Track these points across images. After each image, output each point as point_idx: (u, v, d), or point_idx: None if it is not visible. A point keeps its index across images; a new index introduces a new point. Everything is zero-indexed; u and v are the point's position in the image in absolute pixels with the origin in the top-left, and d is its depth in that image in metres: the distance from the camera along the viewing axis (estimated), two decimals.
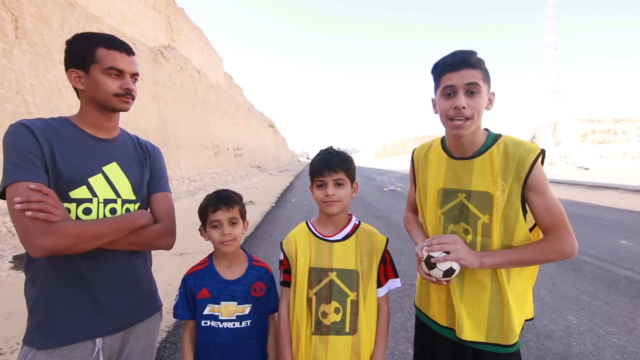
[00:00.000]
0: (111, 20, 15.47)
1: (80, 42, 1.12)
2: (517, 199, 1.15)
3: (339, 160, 1.29)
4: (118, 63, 1.12)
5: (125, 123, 11.96)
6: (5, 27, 7.88)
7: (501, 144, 1.19)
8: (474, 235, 1.21)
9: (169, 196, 1.34)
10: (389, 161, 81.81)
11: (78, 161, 1.11)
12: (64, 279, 1.08)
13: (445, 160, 1.29)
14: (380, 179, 23.45)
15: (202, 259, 1.42)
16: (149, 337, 1.28)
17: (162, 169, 1.37)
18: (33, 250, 0.97)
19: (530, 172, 1.12)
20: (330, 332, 1.27)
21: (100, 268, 1.12)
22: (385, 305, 1.36)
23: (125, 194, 1.19)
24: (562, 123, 44.36)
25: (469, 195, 1.22)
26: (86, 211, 1.10)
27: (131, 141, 1.32)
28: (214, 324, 1.31)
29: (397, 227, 6.95)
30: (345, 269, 1.29)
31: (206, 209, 1.34)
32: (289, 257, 1.34)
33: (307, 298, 1.29)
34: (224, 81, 38.96)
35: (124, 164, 1.22)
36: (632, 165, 26.71)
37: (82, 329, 1.09)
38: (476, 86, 1.12)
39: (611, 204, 10.43)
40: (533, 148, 1.15)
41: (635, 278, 4.24)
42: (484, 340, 1.20)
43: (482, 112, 1.16)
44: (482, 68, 1.14)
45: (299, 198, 12.23)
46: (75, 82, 1.13)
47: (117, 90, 1.13)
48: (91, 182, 1.12)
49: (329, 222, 1.35)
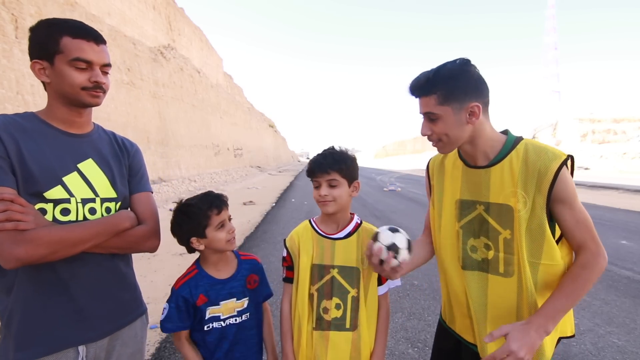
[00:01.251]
0: (111, 20, 15.47)
1: (44, 30, 1.02)
2: (542, 211, 1.03)
3: (331, 161, 1.29)
4: (85, 54, 1.02)
5: (125, 123, 12.00)
6: (5, 27, 7.88)
7: (521, 150, 1.08)
8: (496, 252, 1.11)
9: (150, 196, 1.28)
10: (389, 161, 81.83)
11: (50, 159, 1.01)
12: (41, 285, 1.00)
13: (461, 169, 1.20)
14: (380, 179, 23.44)
15: (188, 268, 1.38)
16: (136, 342, 1.23)
17: (142, 167, 1.30)
18: (5, 262, 0.90)
19: (554, 183, 1.01)
20: (331, 328, 1.29)
21: (81, 272, 1.05)
22: (386, 303, 1.39)
23: (103, 193, 1.11)
24: (562, 123, 44.38)
25: (487, 207, 1.12)
26: (64, 212, 1.02)
27: (107, 137, 1.22)
28: (217, 324, 1.31)
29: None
30: (346, 266, 1.31)
31: (208, 212, 1.29)
32: (292, 254, 1.37)
33: (309, 294, 1.32)
34: (224, 81, 38.97)
35: (100, 160, 1.13)
36: (632, 165, 26.72)
37: (63, 337, 1.03)
38: (432, 114, 1.09)
39: (611, 204, 10.42)
40: (557, 154, 1.03)
41: (635, 278, 4.24)
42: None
43: (452, 133, 1.09)
44: (437, 91, 1.06)
45: (299, 198, 12.23)
46: (39, 75, 1.03)
47: (84, 83, 1.03)
48: (66, 181, 1.03)
49: (330, 221, 1.37)
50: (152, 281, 4.08)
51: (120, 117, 11.81)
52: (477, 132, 1.11)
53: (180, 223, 1.29)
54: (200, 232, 1.28)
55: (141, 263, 4.70)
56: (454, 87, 1.05)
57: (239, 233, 6.45)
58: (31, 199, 0.97)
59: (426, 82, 1.08)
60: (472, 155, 1.16)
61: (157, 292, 3.70)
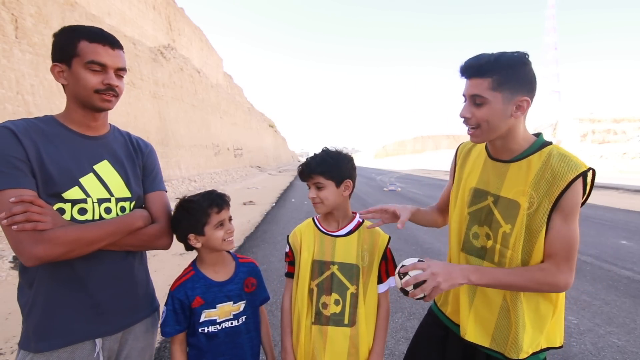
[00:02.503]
0: (111, 20, 15.47)
1: (65, 35, 1.08)
2: (545, 215, 1.05)
3: (314, 164, 1.32)
4: (100, 57, 1.06)
5: (125, 123, 11.99)
6: (5, 27, 7.88)
7: (545, 153, 1.08)
8: (494, 243, 1.15)
9: (164, 195, 1.32)
10: (389, 161, 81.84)
11: (67, 161, 1.07)
12: (60, 281, 1.05)
13: (484, 160, 1.24)
14: (380, 179, 23.44)
15: (185, 269, 1.38)
16: (147, 337, 1.27)
17: (156, 166, 1.34)
18: (25, 260, 0.95)
19: (564, 192, 1.02)
20: (330, 323, 1.32)
21: (98, 269, 1.10)
22: (386, 301, 1.40)
23: (118, 193, 1.16)
24: (562, 123, 44.36)
25: (497, 200, 1.16)
26: (81, 211, 1.07)
27: (122, 138, 1.27)
28: (212, 328, 1.30)
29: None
30: (346, 262, 1.34)
31: (209, 210, 1.28)
32: (294, 249, 1.41)
33: (308, 289, 1.35)
34: (224, 81, 38.97)
35: (114, 162, 1.18)
36: (632, 165, 26.71)
37: (81, 330, 1.08)
38: (480, 97, 1.06)
39: (611, 204, 10.43)
40: (578, 164, 1.02)
41: (635, 278, 4.24)
42: (487, 346, 1.17)
43: (493, 122, 1.08)
44: (495, 75, 1.04)
45: (299, 198, 12.22)
46: (58, 77, 1.09)
47: (97, 85, 1.07)
48: (83, 182, 1.08)
49: (331, 219, 1.41)
50: (152, 281, 4.07)
51: (120, 117, 11.81)
52: (514, 128, 1.11)
53: (180, 218, 1.29)
54: (199, 229, 1.27)
55: None
56: (512, 76, 1.04)
57: (239, 233, 6.44)
58: (50, 199, 1.02)
59: (486, 63, 1.05)
60: (498, 149, 1.18)
61: (157, 292, 3.69)
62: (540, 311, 1.14)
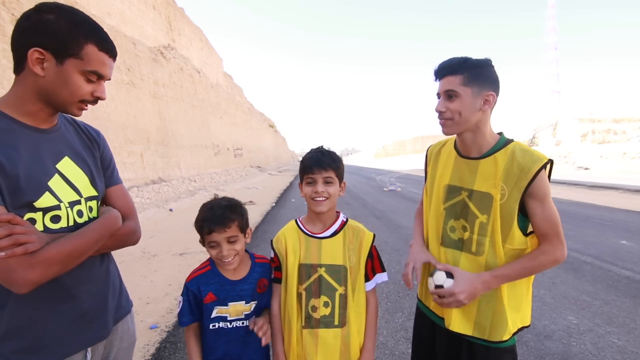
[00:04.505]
0: (111, 20, 15.46)
1: (67, 24, 0.91)
2: (515, 203, 1.20)
3: (329, 159, 1.34)
4: (104, 69, 0.97)
5: (125, 123, 11.99)
6: (5, 27, 7.88)
7: (509, 150, 1.23)
8: (471, 234, 1.27)
9: (124, 188, 1.23)
10: (389, 161, 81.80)
11: (30, 164, 0.91)
12: (44, 298, 0.95)
13: (454, 158, 1.36)
14: (380, 179, 23.44)
15: (203, 262, 1.40)
16: (129, 336, 1.26)
17: (111, 157, 1.23)
18: (18, 288, 0.83)
19: (532, 181, 1.17)
20: (320, 326, 1.32)
21: (82, 277, 1.03)
22: (374, 298, 1.42)
23: (85, 192, 1.05)
24: (562, 123, 44.32)
25: (470, 194, 1.28)
26: (54, 219, 0.96)
27: (71, 126, 1.11)
28: (223, 324, 1.31)
29: (397, 227, 6.93)
30: (333, 264, 1.34)
31: (201, 230, 1.29)
32: (279, 255, 1.39)
33: (297, 293, 1.34)
34: (224, 81, 38.97)
35: (76, 157, 1.05)
36: (632, 165, 26.68)
37: (73, 342, 1.02)
38: (453, 92, 1.21)
39: (611, 204, 10.42)
40: (540, 157, 1.19)
41: (635, 278, 4.24)
42: (471, 334, 1.26)
43: (464, 113, 1.22)
44: (465, 73, 1.21)
45: (298, 198, 12.21)
46: (34, 63, 0.89)
47: (86, 96, 0.96)
48: (52, 186, 0.95)
49: (317, 220, 1.39)
50: (152, 281, 4.06)
51: (120, 117, 11.80)
52: (482, 123, 1.26)
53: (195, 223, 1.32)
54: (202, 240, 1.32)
55: (141, 263, 4.70)
56: (479, 74, 1.22)
57: None
58: (19, 211, 0.88)
59: (457, 63, 1.23)
60: (467, 147, 1.31)
61: (157, 292, 3.69)
62: (516, 290, 1.26)
